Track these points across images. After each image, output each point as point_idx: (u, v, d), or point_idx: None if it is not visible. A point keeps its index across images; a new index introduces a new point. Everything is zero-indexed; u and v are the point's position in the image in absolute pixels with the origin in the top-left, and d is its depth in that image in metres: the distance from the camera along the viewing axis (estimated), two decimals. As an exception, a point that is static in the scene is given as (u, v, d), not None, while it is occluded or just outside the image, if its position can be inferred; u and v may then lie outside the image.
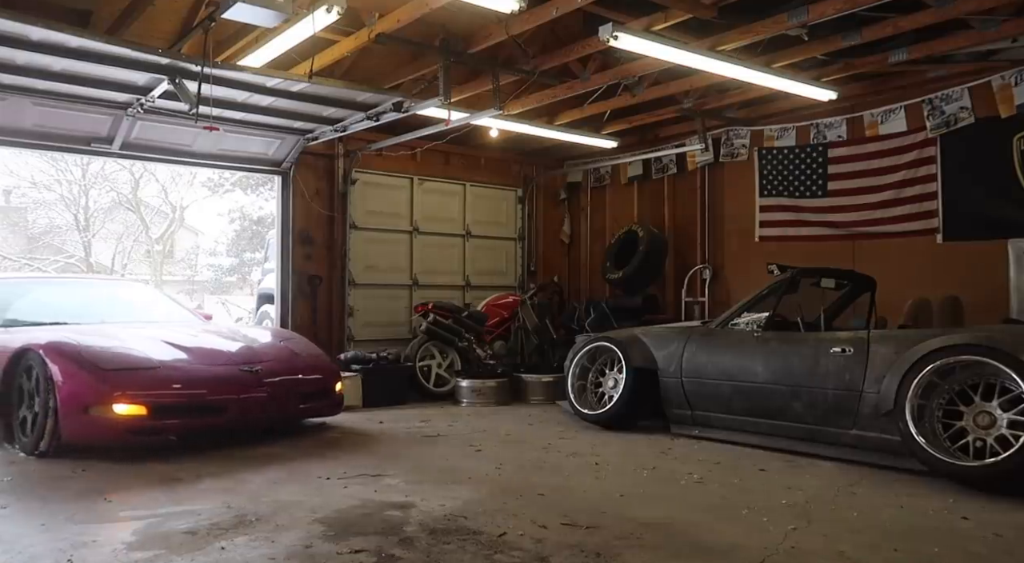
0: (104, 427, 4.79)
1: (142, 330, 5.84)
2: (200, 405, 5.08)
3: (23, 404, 5.10)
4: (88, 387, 4.80)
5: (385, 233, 9.23)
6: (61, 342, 5.08)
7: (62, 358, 4.89)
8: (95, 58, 5.58)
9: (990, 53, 6.79)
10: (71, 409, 4.77)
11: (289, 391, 5.55)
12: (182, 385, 5.07)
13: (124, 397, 4.80)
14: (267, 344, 6.07)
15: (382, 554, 3.01)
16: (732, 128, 8.85)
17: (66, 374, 4.83)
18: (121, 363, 5.03)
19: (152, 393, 4.91)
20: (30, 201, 24.32)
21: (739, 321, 5.81)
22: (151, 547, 3.14)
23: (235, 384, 5.28)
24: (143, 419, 4.83)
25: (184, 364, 5.26)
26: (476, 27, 6.68)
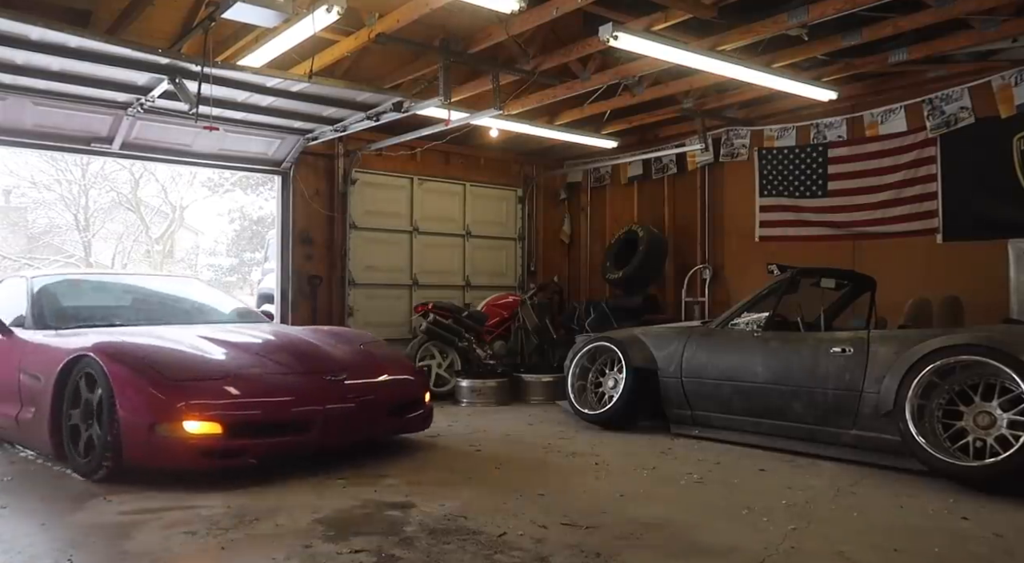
0: (172, 448, 4.06)
1: (205, 332, 5.13)
2: (282, 422, 4.36)
3: (80, 419, 4.40)
4: (153, 400, 4.09)
5: (385, 233, 9.23)
6: (121, 346, 4.42)
7: (123, 365, 4.21)
8: (95, 58, 5.58)
9: (990, 53, 6.79)
10: (134, 426, 4.08)
11: (379, 403, 4.84)
12: (262, 398, 4.34)
13: (195, 413, 4.07)
14: (347, 348, 5.27)
15: (382, 554, 3.01)
16: (732, 128, 8.84)
17: (127, 384, 4.15)
18: (191, 372, 4.33)
19: (228, 408, 4.17)
20: (30, 201, 24.32)
21: (739, 321, 5.81)
22: (151, 547, 3.14)
23: (320, 395, 4.52)
24: (218, 439, 4.10)
25: (260, 372, 4.53)
26: (476, 27, 6.68)
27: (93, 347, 4.37)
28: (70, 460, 4.42)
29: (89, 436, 4.31)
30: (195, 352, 4.59)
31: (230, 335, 5.13)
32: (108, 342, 4.47)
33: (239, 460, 4.19)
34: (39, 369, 4.65)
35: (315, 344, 5.19)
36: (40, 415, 4.56)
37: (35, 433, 4.65)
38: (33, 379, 4.69)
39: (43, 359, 4.67)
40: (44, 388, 4.53)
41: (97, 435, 4.25)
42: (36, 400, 4.62)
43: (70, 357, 4.43)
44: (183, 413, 4.06)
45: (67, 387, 4.46)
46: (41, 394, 4.55)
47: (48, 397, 4.47)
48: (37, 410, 4.59)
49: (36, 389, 4.62)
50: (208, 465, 4.14)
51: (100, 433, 4.22)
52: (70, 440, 4.42)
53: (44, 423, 4.51)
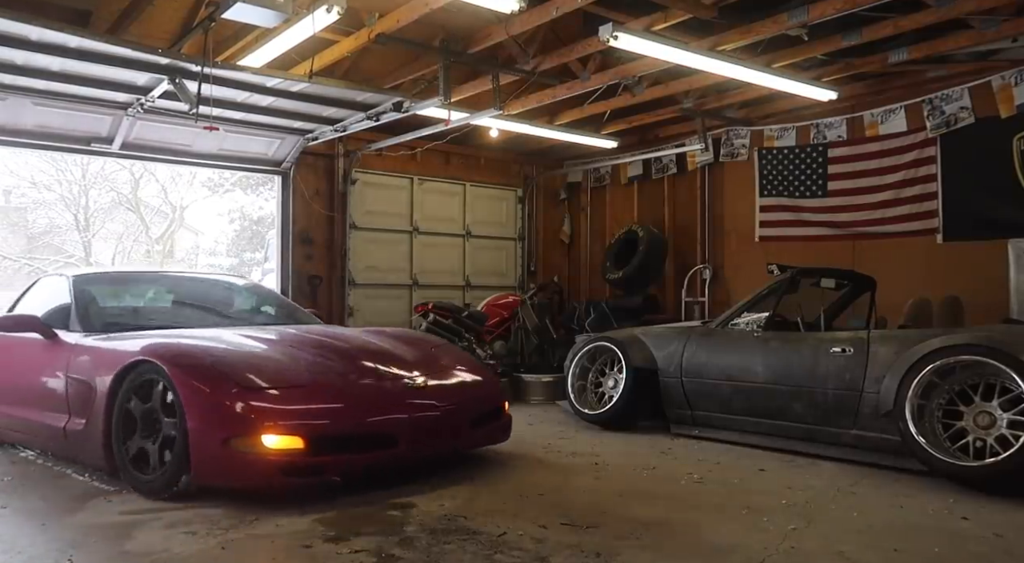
0: (249, 465, 3.63)
1: (266, 334, 4.68)
2: (367, 434, 3.95)
3: (139, 432, 3.98)
4: (227, 411, 3.67)
5: (385, 233, 9.24)
6: (186, 350, 4.01)
7: (190, 372, 3.81)
8: (95, 58, 5.58)
9: (990, 53, 6.79)
10: (204, 441, 3.65)
11: (463, 411, 4.43)
12: (346, 407, 3.95)
13: (275, 425, 3.64)
14: (417, 351, 4.82)
15: (382, 554, 3.01)
16: (732, 128, 8.85)
17: (197, 393, 3.73)
18: (267, 379, 3.88)
19: (310, 419, 3.76)
20: (30, 201, 24.32)
21: (739, 321, 5.81)
22: (151, 547, 3.14)
23: (404, 404, 4.13)
24: (300, 455, 3.66)
25: (340, 380, 4.13)
26: (476, 27, 6.68)
27: (154, 351, 3.97)
28: (126, 476, 3.99)
29: (153, 451, 3.89)
30: (267, 357, 4.15)
31: (294, 338, 4.63)
32: (171, 346, 4.07)
33: (321, 478, 3.76)
34: (90, 375, 4.25)
35: (386, 347, 4.74)
36: (92, 426, 4.16)
37: (85, 446, 4.24)
38: (83, 386, 4.29)
39: (95, 365, 4.28)
40: (97, 397, 4.14)
41: (160, 450, 3.85)
42: (87, 410, 4.22)
43: (127, 363, 4.02)
44: (262, 426, 3.62)
45: (124, 396, 4.04)
46: (93, 403, 4.16)
47: (101, 407, 4.07)
48: (88, 421, 4.19)
49: (87, 398, 4.22)
50: (288, 484, 3.71)
51: (166, 448, 3.82)
52: (127, 455, 3.99)
53: (96, 435, 4.10)
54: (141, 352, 4.02)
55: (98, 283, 5.34)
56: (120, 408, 4.03)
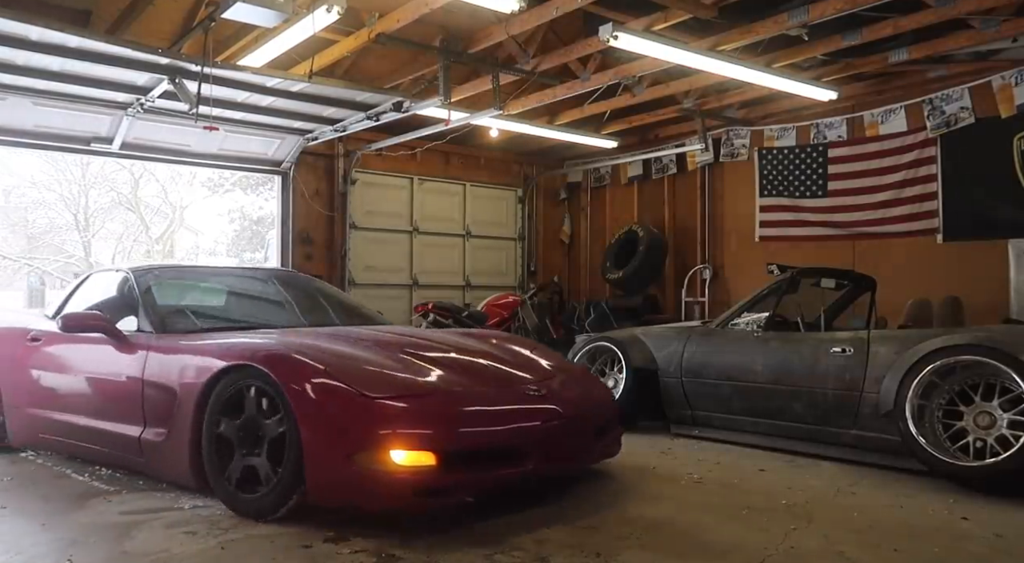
0: (375, 484, 3.19)
1: (359, 336, 4.19)
2: (498, 449, 3.47)
3: (236, 446, 3.53)
4: (352, 423, 3.24)
5: (385, 233, 9.24)
6: (293, 354, 3.52)
7: (304, 378, 3.35)
8: (95, 58, 5.58)
9: (990, 53, 6.79)
10: (323, 456, 3.22)
11: (588, 421, 3.96)
12: (478, 419, 3.50)
13: (405, 439, 3.20)
14: (520, 354, 4.36)
15: (382, 554, 3.01)
16: (732, 128, 8.85)
17: (313, 403, 3.28)
18: (392, 387, 3.43)
19: (443, 433, 3.31)
20: (30, 201, 24.33)
21: (739, 321, 5.81)
22: (151, 547, 3.14)
23: (531, 415, 3.64)
24: (432, 473, 3.21)
25: (461, 388, 3.65)
26: (476, 27, 6.68)
27: (254, 355, 3.52)
28: (221, 494, 3.56)
29: (252, 466, 3.46)
30: (380, 363, 3.68)
31: (392, 340, 4.15)
32: (273, 349, 3.60)
33: (455, 499, 3.31)
34: (173, 381, 3.80)
35: (490, 351, 4.28)
36: (175, 438, 3.73)
37: (167, 459, 3.81)
38: (163, 393, 3.84)
39: (177, 368, 3.84)
40: (181, 405, 3.70)
41: (266, 466, 3.41)
42: (167, 419, 3.78)
43: (220, 367, 3.59)
44: (390, 439, 3.18)
45: (216, 404, 3.58)
46: (176, 412, 3.73)
47: (188, 416, 3.65)
48: (171, 432, 3.75)
49: (168, 405, 3.79)
50: (421, 506, 3.31)
51: (273, 464, 3.38)
52: (221, 470, 3.55)
53: (181, 447, 3.68)
54: (238, 355, 3.58)
55: (160, 278, 4.82)
56: (212, 419, 3.58)
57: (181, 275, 5.24)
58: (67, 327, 4.26)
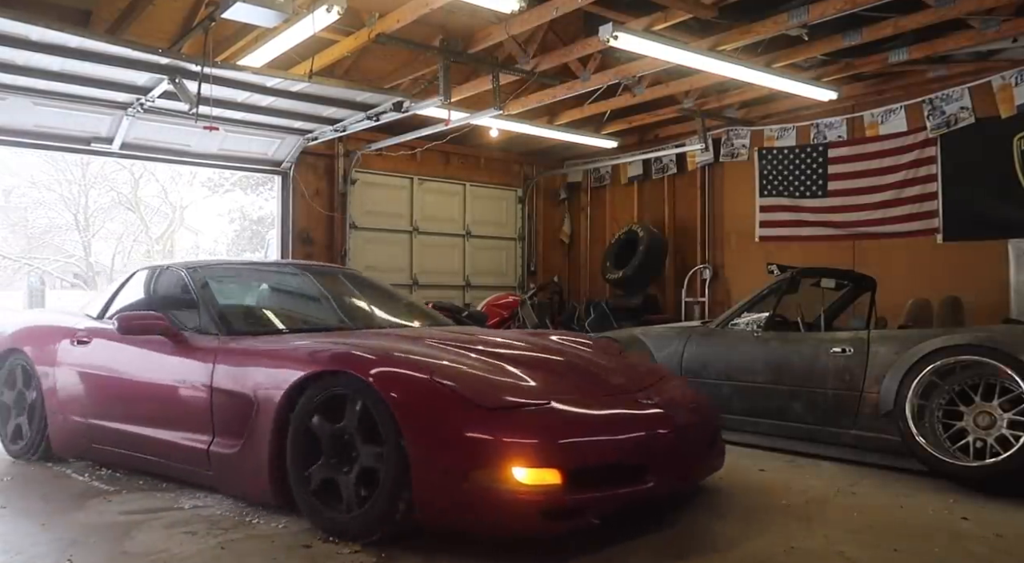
0: (495, 505, 2.87)
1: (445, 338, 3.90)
2: (621, 465, 3.14)
3: (325, 459, 3.21)
4: (468, 436, 2.92)
5: (385, 233, 9.24)
6: (393, 357, 3.25)
7: (407, 386, 3.06)
8: (95, 58, 5.58)
9: (990, 53, 6.80)
10: (434, 473, 2.92)
11: (701, 432, 3.64)
12: (601, 431, 3.17)
13: (528, 454, 2.89)
14: (612, 358, 4.06)
15: (382, 554, 3.01)
16: (732, 128, 8.85)
17: (421, 414, 2.99)
18: (505, 395, 3.12)
19: (568, 446, 3.00)
20: (30, 201, 24.33)
21: (739, 321, 5.81)
22: (151, 547, 3.14)
23: (649, 425, 3.31)
24: (558, 492, 2.89)
25: (574, 397, 3.30)
26: (476, 27, 6.69)
27: (348, 360, 3.22)
28: (310, 513, 3.25)
29: (347, 483, 3.15)
30: (484, 368, 3.37)
31: (479, 343, 3.82)
32: (370, 352, 3.28)
33: (583, 521, 2.97)
34: (249, 388, 3.49)
35: (579, 353, 3.97)
36: (251, 450, 3.42)
37: (241, 473, 3.51)
38: (237, 402, 3.53)
39: (255, 375, 3.52)
40: (259, 414, 3.40)
41: (359, 483, 3.11)
42: (241, 429, 3.48)
43: (307, 374, 3.27)
44: (512, 455, 2.87)
45: (303, 414, 3.27)
46: (253, 423, 3.42)
47: (267, 427, 3.34)
48: (246, 443, 3.45)
49: (243, 415, 3.47)
50: (549, 529, 2.98)
51: (369, 481, 3.08)
52: (307, 486, 3.24)
53: (259, 460, 3.37)
54: (328, 360, 3.27)
55: (215, 276, 4.49)
56: (298, 430, 3.27)
57: (235, 272, 4.86)
58: (125, 329, 3.91)
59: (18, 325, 5.10)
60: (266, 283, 4.90)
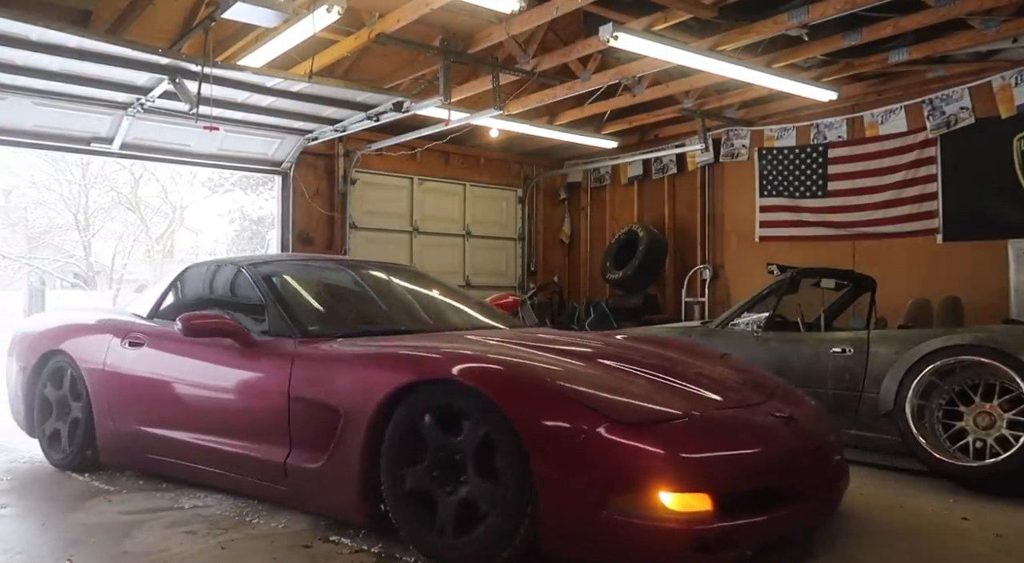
0: (639, 535, 2.54)
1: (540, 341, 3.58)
2: (773, 487, 2.80)
3: (435, 480, 2.88)
4: (604, 458, 2.58)
5: (385, 233, 9.24)
6: (509, 364, 2.94)
7: (530, 397, 2.73)
8: (95, 58, 5.58)
9: (990, 53, 6.80)
10: (564, 499, 2.60)
11: (835, 451, 3.27)
12: (749, 448, 2.82)
13: (676, 477, 2.56)
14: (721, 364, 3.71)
15: (382, 554, 3.01)
16: (732, 128, 8.85)
17: (546, 429, 2.64)
18: (641, 410, 2.78)
19: (720, 467, 2.68)
20: (30, 201, 24.33)
21: (739, 321, 5.81)
22: (151, 547, 3.14)
23: (791, 442, 2.97)
24: (709, 520, 2.55)
25: (708, 409, 2.97)
26: (476, 27, 6.69)
27: (461, 367, 2.90)
28: (410, 535, 2.93)
29: (447, 504, 2.83)
30: (605, 377, 3.04)
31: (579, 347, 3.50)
32: (481, 358, 3.00)
33: (738, 554, 2.62)
34: (334, 397, 3.18)
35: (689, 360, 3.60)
36: (337, 464, 3.13)
37: (324, 489, 3.22)
38: (319, 412, 3.22)
39: (341, 382, 3.22)
40: (348, 426, 3.09)
41: (473, 503, 2.76)
42: (327, 443, 3.16)
43: (410, 382, 2.95)
44: (659, 477, 2.54)
45: (400, 428, 2.95)
46: (340, 435, 3.11)
47: (357, 440, 3.03)
48: (331, 457, 3.15)
49: (326, 427, 3.16)
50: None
51: (486, 501, 2.72)
52: (407, 506, 2.94)
53: (347, 476, 3.09)
54: (432, 368, 2.98)
55: (279, 272, 4.13)
56: (393, 445, 2.97)
57: (295, 268, 4.39)
58: (190, 331, 3.60)
59: (53, 325, 4.79)
60: (329, 280, 4.44)
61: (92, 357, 4.30)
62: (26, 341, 4.85)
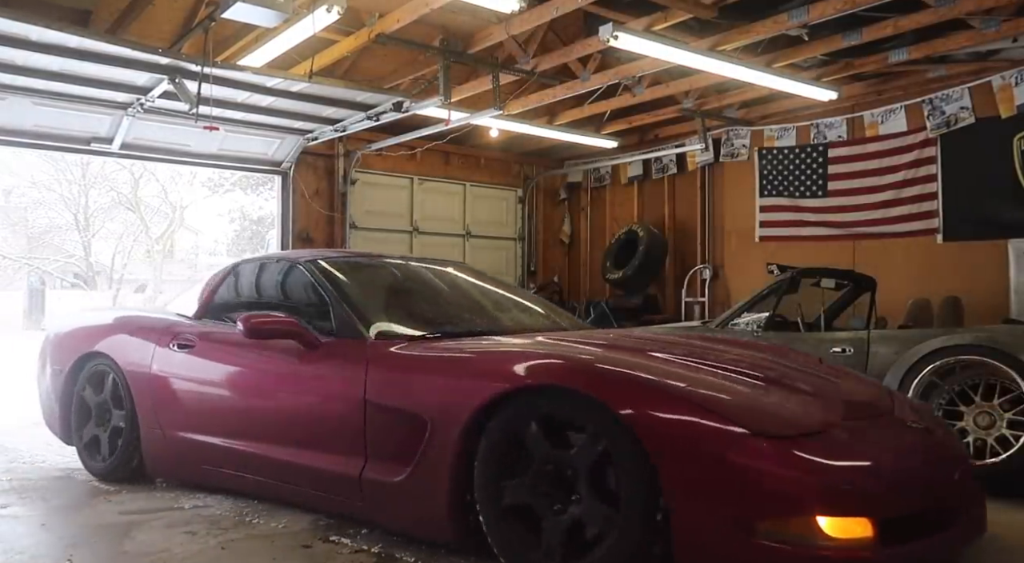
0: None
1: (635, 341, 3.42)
2: (933, 508, 2.54)
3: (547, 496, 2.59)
4: (753, 477, 2.28)
5: (385, 233, 9.24)
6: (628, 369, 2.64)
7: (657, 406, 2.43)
8: (95, 58, 5.58)
9: (990, 53, 6.80)
10: (711, 527, 2.32)
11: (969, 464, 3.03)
12: (902, 465, 2.55)
13: (836, 497, 2.29)
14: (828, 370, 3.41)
15: (382, 554, 3.01)
16: (732, 128, 8.85)
17: (680, 444, 2.36)
18: (786, 421, 2.50)
19: (880, 486, 2.40)
20: (30, 201, 24.35)
21: (739, 321, 5.81)
22: (151, 547, 3.14)
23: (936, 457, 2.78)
24: (870, 548, 2.27)
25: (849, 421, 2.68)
26: (476, 27, 6.69)
27: (572, 372, 2.65)
28: (507, 555, 2.66)
29: (564, 524, 2.54)
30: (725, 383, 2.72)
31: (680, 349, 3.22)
32: (595, 363, 2.75)
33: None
34: (419, 404, 2.93)
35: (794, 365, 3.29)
36: (424, 477, 2.88)
37: (408, 504, 2.96)
38: (401, 420, 2.98)
39: (427, 388, 2.96)
40: (436, 436, 2.83)
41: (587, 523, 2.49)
42: (409, 453, 2.91)
43: (508, 389, 2.68)
44: (817, 499, 2.27)
45: (498, 439, 2.69)
46: (427, 445, 2.86)
47: (448, 452, 2.79)
48: (416, 469, 2.90)
49: (411, 437, 2.91)
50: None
51: (603, 523, 2.46)
52: (505, 524, 2.66)
53: (436, 492, 2.83)
54: (537, 373, 2.69)
55: (342, 270, 3.84)
56: (494, 454, 2.70)
57: (352, 265, 4.04)
58: (252, 332, 3.36)
59: (91, 325, 4.52)
60: (391, 278, 4.12)
61: (137, 360, 4.05)
62: (61, 342, 4.61)
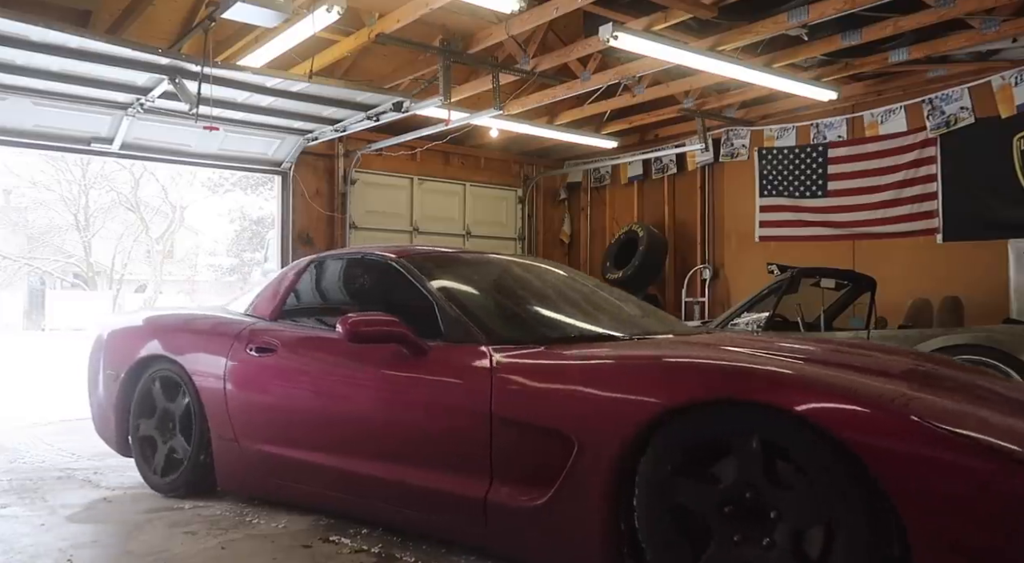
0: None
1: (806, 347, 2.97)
2: None
3: (720, 529, 2.24)
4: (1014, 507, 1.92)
5: (385, 233, 9.24)
6: (833, 384, 2.24)
7: (889, 432, 2.03)
8: (95, 58, 5.58)
9: (990, 53, 6.80)
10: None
11: None
12: None
13: None
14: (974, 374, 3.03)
15: (382, 554, 3.01)
16: (732, 128, 8.85)
17: (926, 477, 1.97)
18: (1005, 436, 2.12)
19: None
20: (30, 201, 24.35)
21: (739, 321, 5.81)
22: (151, 547, 3.14)
23: None
24: None
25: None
26: (476, 27, 6.69)
27: (753, 383, 2.28)
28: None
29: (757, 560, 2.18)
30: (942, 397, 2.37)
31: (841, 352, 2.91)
32: (794, 376, 2.32)
33: None
34: (560, 420, 2.57)
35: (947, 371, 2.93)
36: (571, 503, 2.52)
37: (548, 531, 2.59)
38: (538, 438, 2.62)
39: (571, 402, 2.58)
40: (584, 457, 2.49)
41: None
42: (551, 475, 2.56)
43: (675, 405, 2.33)
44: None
45: (665, 462, 2.33)
46: (571, 465, 2.51)
47: (602, 476, 2.44)
48: (559, 494, 2.54)
49: (551, 457, 2.56)
50: None
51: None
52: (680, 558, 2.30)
53: (585, 518, 2.48)
54: (718, 385, 2.32)
55: (443, 267, 3.53)
56: (658, 483, 2.34)
57: (446, 262, 3.68)
58: (356, 336, 2.98)
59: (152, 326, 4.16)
60: (495, 277, 3.70)
61: (207, 364, 3.73)
62: (118, 343, 4.27)
